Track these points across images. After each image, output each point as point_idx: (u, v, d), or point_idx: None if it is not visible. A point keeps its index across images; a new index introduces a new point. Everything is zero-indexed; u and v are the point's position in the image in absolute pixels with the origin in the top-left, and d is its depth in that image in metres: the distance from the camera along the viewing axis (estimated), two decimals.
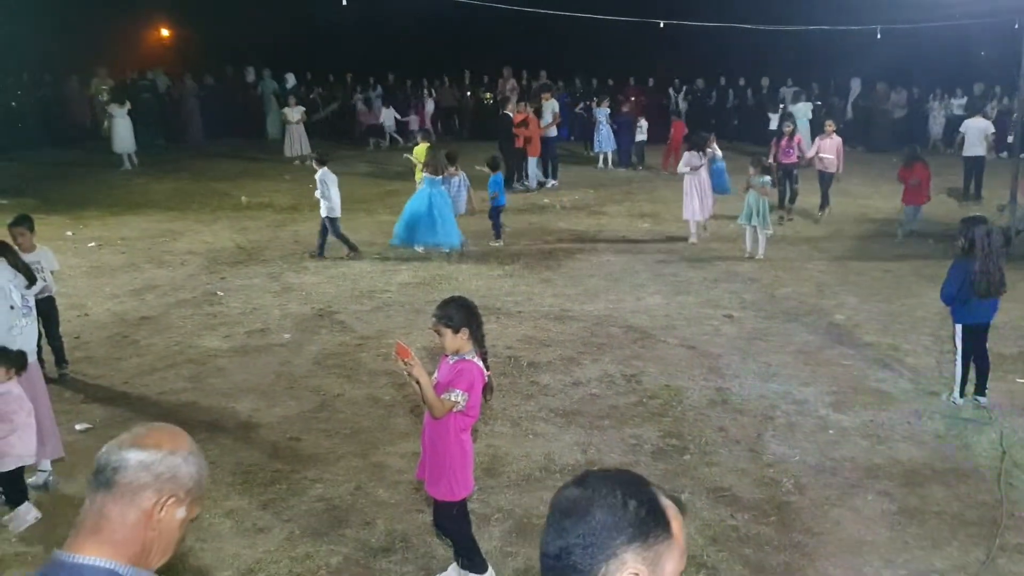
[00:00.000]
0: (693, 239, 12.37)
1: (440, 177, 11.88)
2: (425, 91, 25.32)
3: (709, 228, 12.86)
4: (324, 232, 11.55)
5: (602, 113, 20.20)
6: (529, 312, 9.25)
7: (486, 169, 12.76)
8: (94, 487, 1.79)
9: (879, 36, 18.38)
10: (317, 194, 11.46)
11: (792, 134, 14.49)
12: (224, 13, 24.46)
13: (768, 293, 9.87)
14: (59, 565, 1.73)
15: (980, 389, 6.78)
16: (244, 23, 24.48)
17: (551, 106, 18.03)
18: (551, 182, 17.58)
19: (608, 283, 10.39)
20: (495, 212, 12.58)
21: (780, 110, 21.55)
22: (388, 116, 23.29)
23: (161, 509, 1.79)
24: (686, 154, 12.57)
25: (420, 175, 12.30)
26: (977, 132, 16.12)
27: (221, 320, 9.09)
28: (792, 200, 14.34)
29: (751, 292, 9.93)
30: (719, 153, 13.79)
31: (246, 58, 24.77)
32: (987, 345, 6.79)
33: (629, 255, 11.80)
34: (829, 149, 14.11)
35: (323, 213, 11.46)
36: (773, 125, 21.37)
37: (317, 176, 11.42)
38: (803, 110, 21.31)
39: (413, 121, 23.52)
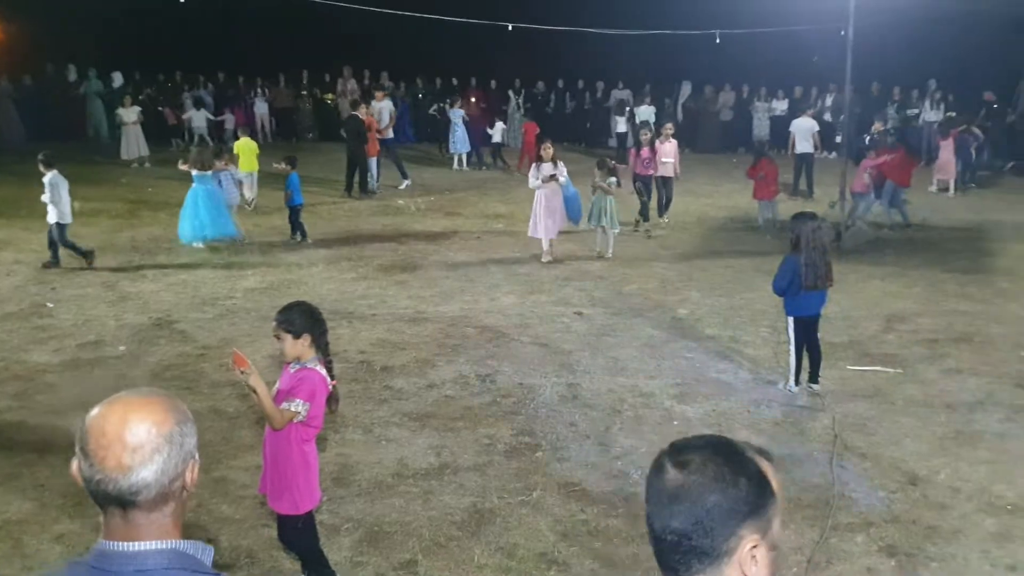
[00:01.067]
0: (546, 257, 11.39)
1: (209, 173, 12.07)
2: (256, 91, 24.60)
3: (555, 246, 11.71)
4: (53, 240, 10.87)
5: (456, 114, 20.21)
6: (383, 315, 9.12)
7: (283, 166, 12.54)
8: (113, 506, 1.61)
9: (718, 41, 19.19)
10: (44, 198, 10.58)
11: (652, 142, 13.91)
12: (44, 8, 22.86)
13: (616, 290, 10.11)
14: (110, 556, 1.61)
15: (814, 377, 7.14)
16: (65, 19, 22.95)
17: (386, 106, 17.75)
18: (405, 182, 17.41)
19: (463, 284, 10.39)
20: (292, 212, 12.41)
21: (627, 113, 22.18)
22: (199, 117, 21.82)
23: (191, 482, 1.71)
24: (533, 166, 11.59)
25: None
26: (805, 131, 17.19)
27: (51, 333, 8.52)
28: (647, 217, 13.62)
29: (600, 290, 10.14)
30: (563, 174, 11.47)
31: (72, 56, 23.27)
32: (819, 335, 7.17)
33: (484, 256, 11.84)
34: (669, 152, 13.92)
35: (51, 219, 10.65)
36: (620, 128, 22.00)
37: (46, 180, 10.55)
38: (647, 113, 22.00)
39: (229, 120, 22.56)
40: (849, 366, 7.66)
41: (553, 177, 11.13)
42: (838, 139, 18.49)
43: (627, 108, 22.30)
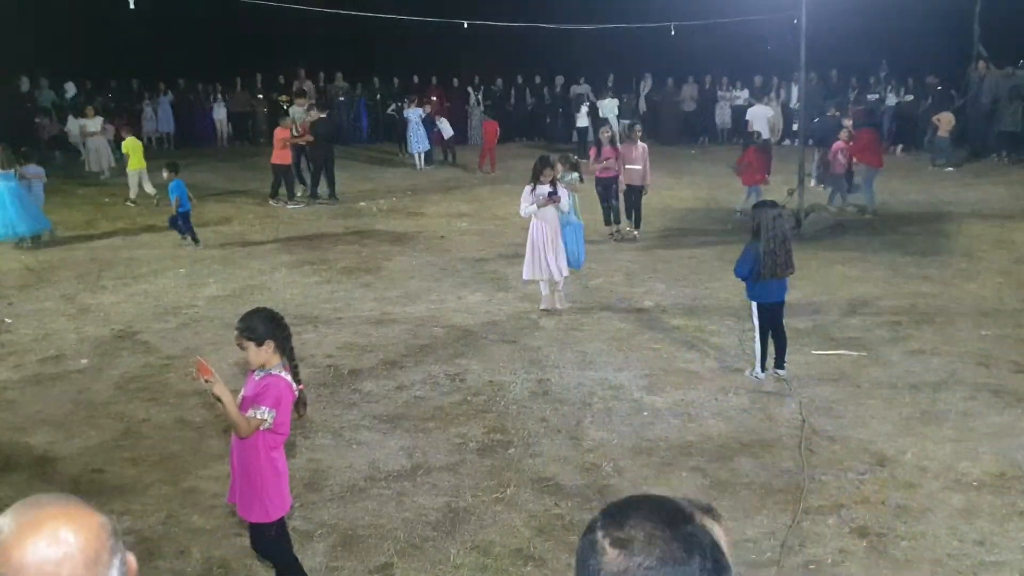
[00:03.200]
0: (544, 304, 9.12)
1: (11, 171, 12.41)
2: (215, 96, 24.33)
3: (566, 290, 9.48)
4: None
5: (414, 113, 20.12)
6: (349, 318, 9.06)
7: (165, 174, 12.47)
8: None
9: (673, 33, 19.32)
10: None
11: (613, 140, 12.96)
12: None
13: (582, 284, 10.12)
14: None
15: (779, 363, 7.21)
16: (12, 28, 22.45)
17: (297, 113, 16.79)
18: (290, 205, 15.86)
19: (429, 284, 10.35)
20: (181, 218, 12.27)
21: (587, 107, 22.25)
22: (73, 124, 20.36)
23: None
24: (526, 189, 9.08)
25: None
26: (761, 118, 17.57)
27: (10, 349, 8.35)
28: (617, 219, 12.70)
29: (566, 284, 10.13)
30: (566, 197, 9.30)
31: (24, 66, 22.79)
32: (783, 321, 7.24)
33: (449, 255, 11.80)
34: (636, 158, 12.52)
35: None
36: (581, 123, 22.07)
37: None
38: (610, 106, 22.09)
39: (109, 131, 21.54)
40: (814, 351, 7.75)
41: (552, 197, 8.85)
42: (794, 127, 18.72)
43: (587, 101, 22.35)
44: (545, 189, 8.91)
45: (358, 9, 17.94)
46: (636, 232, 12.64)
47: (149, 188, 15.53)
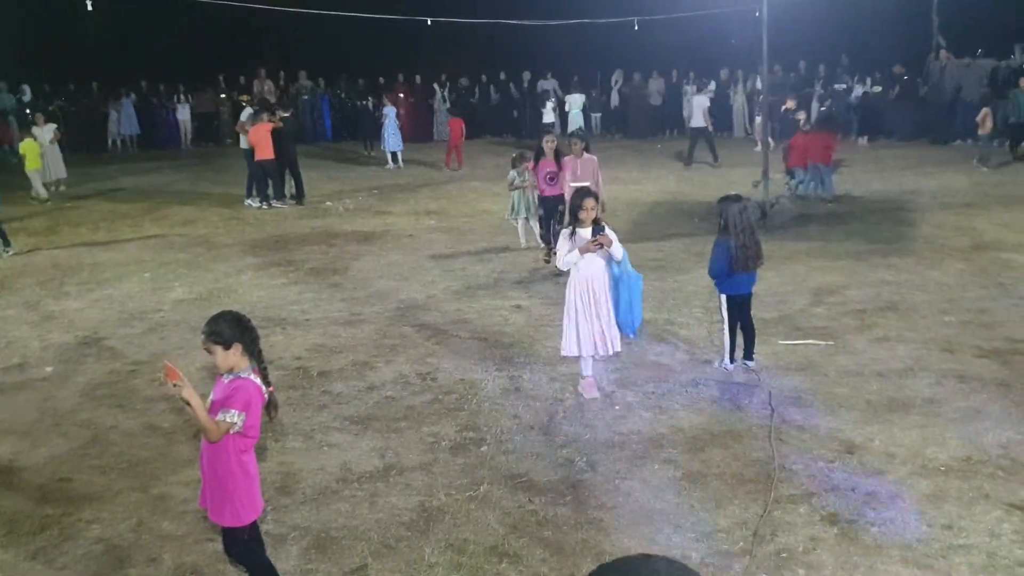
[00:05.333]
0: (587, 391, 6.80)
1: None
2: (178, 97, 24.06)
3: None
4: None
5: (391, 111, 19.98)
6: (317, 319, 8.99)
7: None
8: None
9: (636, 28, 19.45)
10: None
11: (557, 154, 10.41)
12: None
13: (553, 281, 10.13)
14: None
15: (748, 354, 7.26)
16: None
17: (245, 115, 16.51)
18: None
19: (398, 283, 10.30)
20: None
21: (554, 102, 22.30)
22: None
23: None
24: (563, 235, 6.70)
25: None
26: (698, 107, 18.39)
27: None
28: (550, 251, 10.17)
29: (536, 281, 10.17)
30: (617, 246, 6.55)
31: None
32: (751, 312, 7.29)
33: (417, 253, 11.76)
34: (584, 173, 9.98)
35: None
36: (547, 119, 22.11)
37: None
38: (577, 101, 22.17)
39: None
40: (781, 341, 7.81)
41: (599, 237, 6.44)
42: (758, 119, 18.92)
43: (553, 97, 22.38)
44: (587, 232, 6.57)
45: (321, 7, 17.80)
46: None
47: (40, 190, 15.84)
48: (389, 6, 18.62)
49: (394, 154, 20.09)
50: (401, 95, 22.65)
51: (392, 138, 19.98)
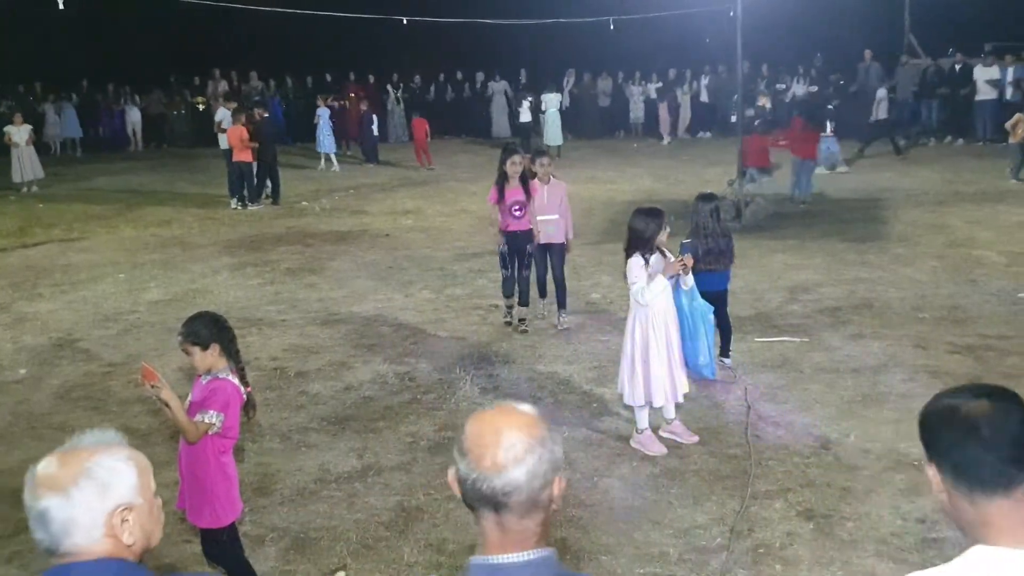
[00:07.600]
0: (649, 446, 5.83)
1: None
2: (126, 98, 23.81)
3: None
4: None
5: (324, 112, 19.73)
6: (294, 319, 8.96)
7: None
8: (487, 510, 1.73)
9: (612, 28, 19.51)
10: None
11: (524, 177, 8.19)
12: None
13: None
14: (491, 569, 1.73)
15: (724, 351, 7.31)
16: None
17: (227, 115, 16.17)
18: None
19: (375, 282, 10.28)
20: None
21: (530, 101, 22.27)
22: None
23: (557, 495, 1.79)
24: (632, 262, 5.73)
25: None
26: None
27: None
28: (523, 297, 8.46)
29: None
30: (688, 276, 6.14)
31: None
32: (727, 310, 7.34)
33: (394, 253, 11.74)
34: (550, 204, 8.28)
35: None
36: (524, 117, 22.12)
37: None
38: (554, 100, 22.16)
39: None
40: (757, 338, 7.87)
41: (682, 264, 5.84)
42: (733, 119, 19.02)
43: (529, 99, 22.35)
44: (659, 260, 5.73)
45: (272, 5, 17.66)
46: (563, 317, 8.43)
47: None
48: (341, 5, 18.44)
49: (327, 156, 19.78)
50: (352, 95, 22.46)
51: (326, 139, 19.65)
